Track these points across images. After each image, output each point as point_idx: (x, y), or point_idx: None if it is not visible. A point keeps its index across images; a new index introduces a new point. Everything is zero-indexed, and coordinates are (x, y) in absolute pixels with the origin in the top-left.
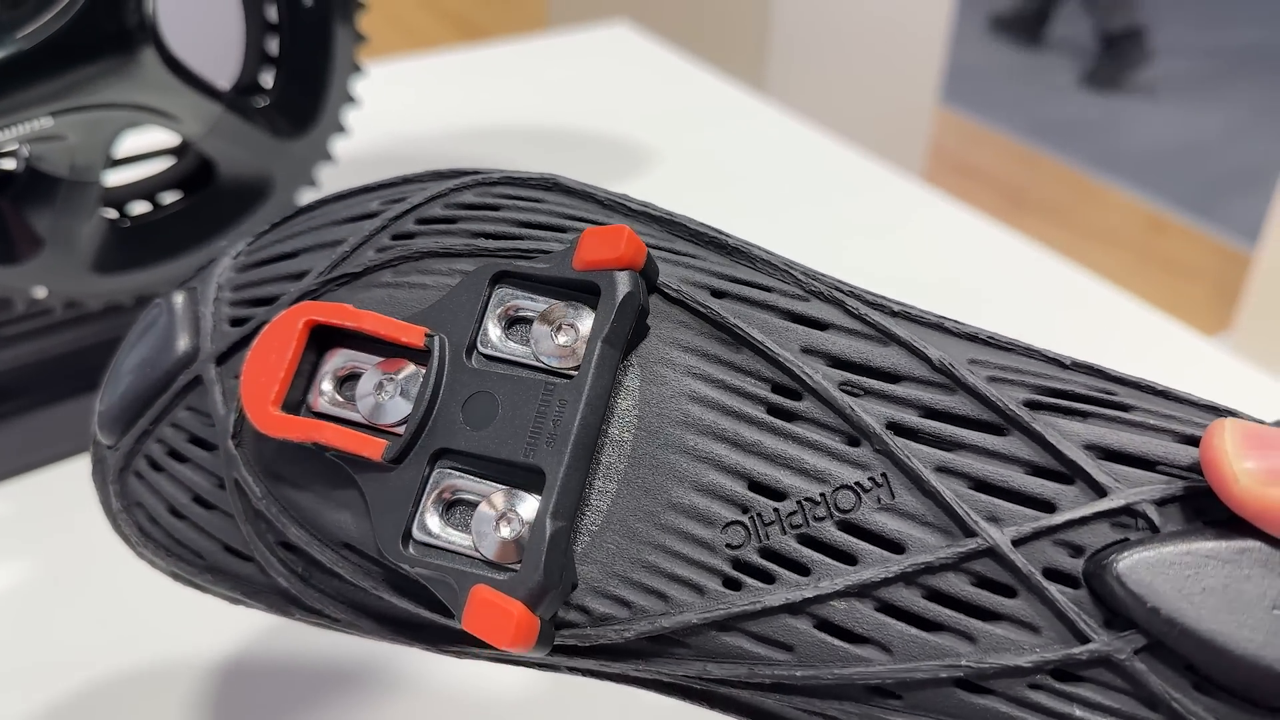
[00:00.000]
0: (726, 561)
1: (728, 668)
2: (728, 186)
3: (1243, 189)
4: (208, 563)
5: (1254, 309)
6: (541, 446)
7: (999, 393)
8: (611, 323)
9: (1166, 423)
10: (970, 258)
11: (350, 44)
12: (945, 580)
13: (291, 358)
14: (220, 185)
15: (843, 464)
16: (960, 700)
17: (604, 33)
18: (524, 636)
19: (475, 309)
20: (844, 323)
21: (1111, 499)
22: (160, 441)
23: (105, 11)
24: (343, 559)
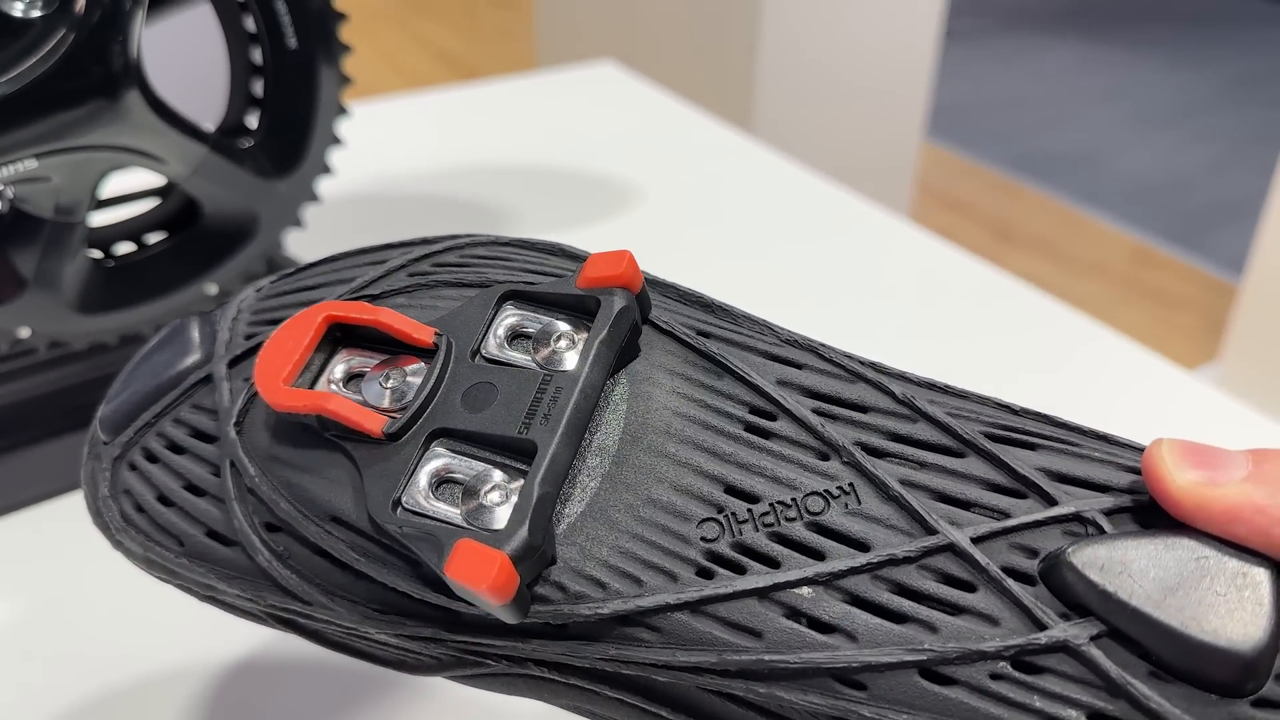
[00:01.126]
0: (700, 553)
1: (697, 654)
2: (714, 222)
3: (1227, 221)
4: (187, 548)
5: (1241, 339)
6: (536, 424)
7: (958, 424)
8: (609, 327)
9: (1111, 457)
10: (956, 293)
11: (335, 86)
12: (908, 574)
13: (307, 345)
14: (205, 225)
15: (813, 474)
16: (924, 690)
17: (591, 71)
18: (504, 583)
19: (483, 320)
20: (817, 364)
21: (1062, 507)
22: (160, 435)
23: (91, 55)
24: (328, 533)
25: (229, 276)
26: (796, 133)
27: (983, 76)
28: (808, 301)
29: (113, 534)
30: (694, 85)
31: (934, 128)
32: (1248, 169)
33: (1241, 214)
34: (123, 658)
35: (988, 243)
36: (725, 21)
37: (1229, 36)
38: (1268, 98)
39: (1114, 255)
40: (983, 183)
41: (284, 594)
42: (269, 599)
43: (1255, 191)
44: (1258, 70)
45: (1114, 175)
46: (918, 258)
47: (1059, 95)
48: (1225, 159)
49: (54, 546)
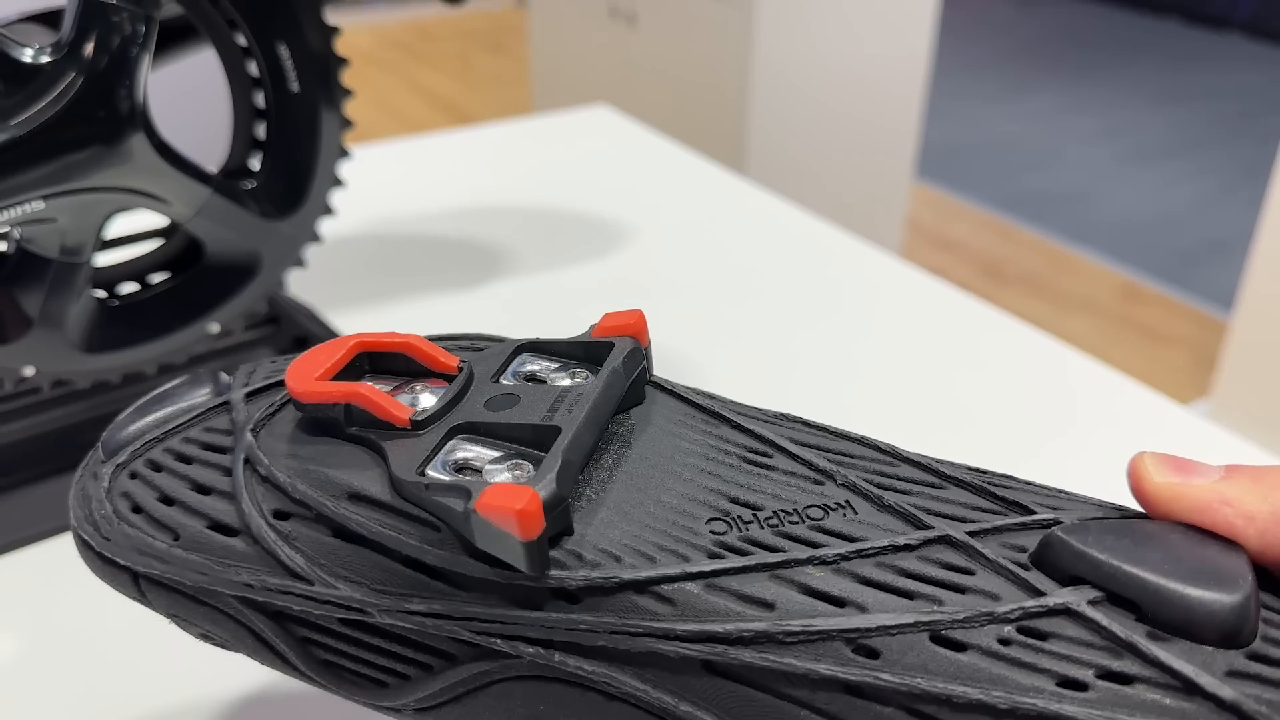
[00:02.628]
0: (710, 542)
1: (710, 623)
2: (708, 261)
3: (1216, 257)
4: (183, 540)
5: (1232, 375)
6: (559, 415)
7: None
8: (622, 359)
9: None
10: (948, 328)
11: (336, 129)
12: (908, 561)
13: (335, 362)
14: (208, 265)
15: (811, 494)
16: (937, 654)
17: (585, 115)
18: (533, 515)
19: (499, 363)
20: (804, 429)
21: (1040, 515)
22: (168, 450)
23: (97, 99)
24: (345, 509)
25: (231, 316)
26: (787, 176)
27: (972, 117)
28: (801, 339)
29: (99, 531)
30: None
31: (923, 168)
32: (1236, 206)
33: (1230, 250)
34: (123, 697)
35: (978, 281)
36: (716, 69)
37: (1216, 75)
38: (1254, 135)
39: (1104, 292)
40: (972, 222)
41: (286, 574)
42: (268, 582)
43: (1244, 228)
44: (1244, 108)
45: (1103, 213)
46: (909, 294)
47: (1048, 135)
48: (1213, 196)
49: (56, 585)
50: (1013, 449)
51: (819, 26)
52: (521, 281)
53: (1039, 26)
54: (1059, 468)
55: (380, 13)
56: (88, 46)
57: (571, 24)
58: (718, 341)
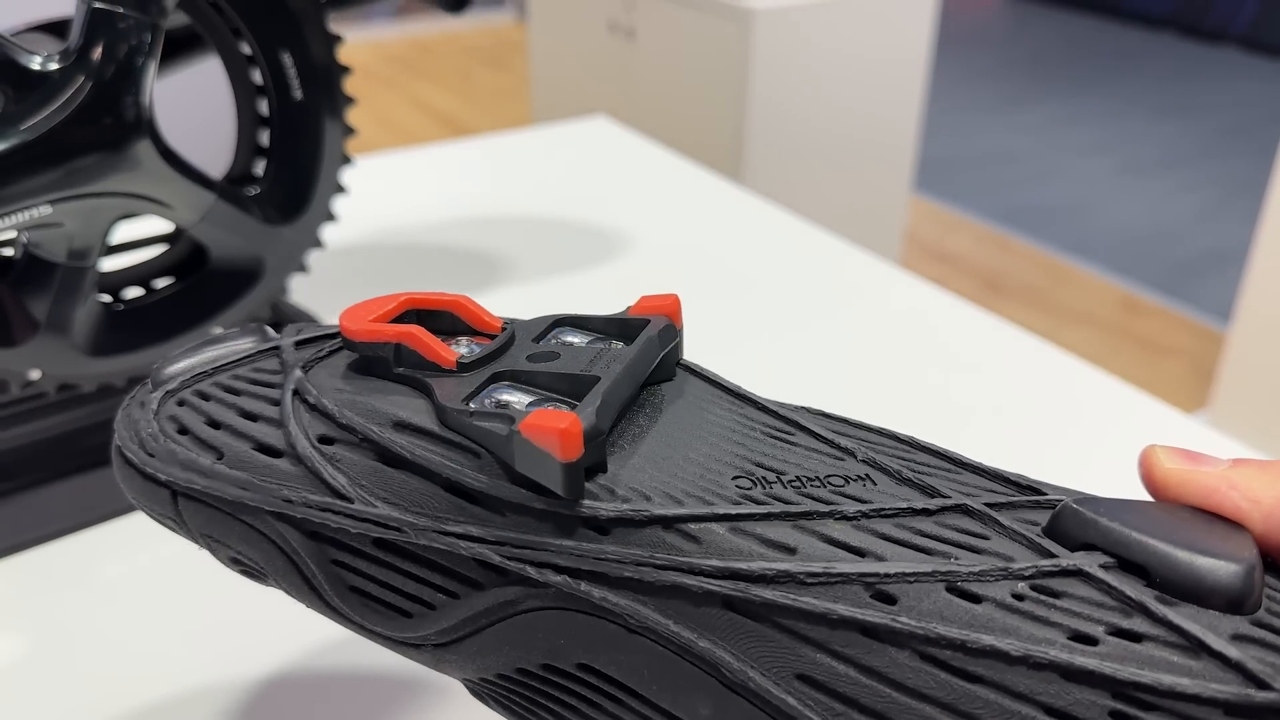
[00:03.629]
0: (735, 494)
1: (734, 561)
2: (707, 270)
3: (1214, 269)
4: (227, 458)
5: (1231, 386)
6: (599, 368)
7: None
8: (657, 332)
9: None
10: (949, 339)
11: (339, 136)
12: (925, 524)
13: (388, 311)
14: (212, 270)
15: (833, 467)
16: (952, 602)
17: (584, 125)
18: (573, 436)
19: (539, 330)
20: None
21: (1049, 498)
22: (217, 384)
23: (105, 106)
24: (389, 433)
25: (235, 320)
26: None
27: (970, 130)
28: (801, 349)
29: (144, 448)
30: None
31: (922, 181)
32: (1233, 218)
33: (1228, 262)
34: (129, 697)
35: (977, 294)
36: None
37: (1213, 88)
38: (1252, 148)
39: (1103, 305)
40: (971, 235)
41: (328, 491)
42: (308, 498)
43: (1241, 240)
44: (1241, 121)
45: (1101, 226)
46: (910, 303)
47: (1046, 148)
48: (1211, 209)
49: (62, 586)
50: (1015, 456)
51: (816, 40)
52: (521, 290)
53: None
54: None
55: (381, 28)
56: (95, 54)
57: (571, 39)
58: (717, 352)
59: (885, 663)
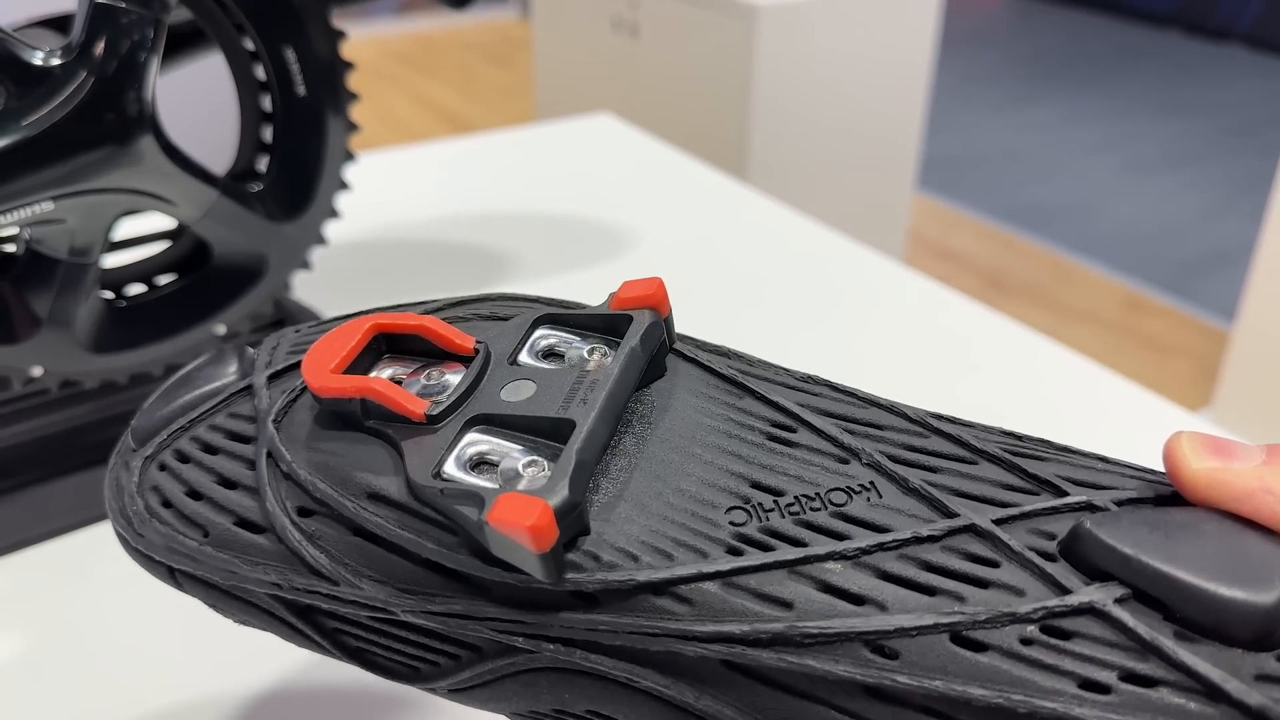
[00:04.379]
0: (729, 535)
1: (728, 624)
2: (711, 267)
3: (1218, 268)
4: (212, 537)
5: (1235, 385)
6: (574, 405)
7: (970, 437)
8: (640, 336)
9: (1118, 469)
10: (953, 337)
11: (342, 132)
12: (932, 552)
13: (353, 346)
14: (215, 267)
15: (835, 474)
16: (956, 654)
17: (588, 123)
18: (545, 528)
19: (518, 338)
20: (831, 394)
21: (1074, 496)
22: (195, 439)
23: (107, 101)
24: (364, 509)
25: (237, 317)
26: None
27: (974, 128)
28: (805, 346)
29: (133, 526)
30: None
31: (925, 180)
32: (1237, 217)
33: (1232, 261)
34: (132, 694)
35: (981, 292)
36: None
37: (1217, 87)
38: (1256, 147)
39: (1107, 303)
40: (975, 233)
41: (312, 574)
42: (295, 581)
43: (1245, 239)
44: (1246, 119)
45: (1106, 224)
46: (914, 301)
47: (1050, 146)
48: (1216, 207)
49: (65, 583)
50: None
51: (821, 37)
52: (525, 287)
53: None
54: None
55: (383, 25)
56: (97, 50)
57: (574, 36)
58: None
59: (889, 717)
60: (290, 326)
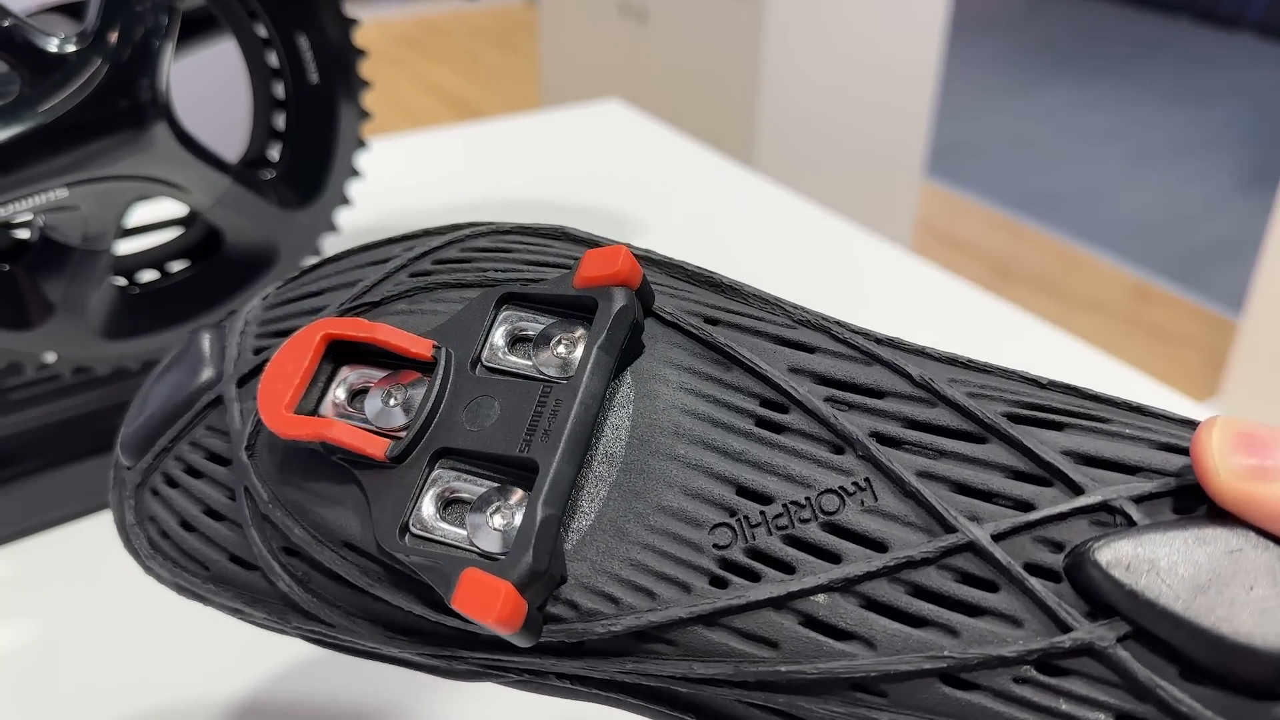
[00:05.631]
0: (713, 561)
1: (714, 666)
2: (719, 254)
3: (1226, 258)
4: (212, 573)
5: (1242, 376)
6: (537, 441)
7: (978, 406)
8: (607, 330)
9: (1144, 433)
10: (959, 326)
11: (354, 120)
12: (927, 575)
13: (307, 367)
14: (227, 254)
15: (827, 470)
16: (945, 695)
17: (596, 109)
18: (510, 614)
19: (481, 327)
20: (830, 346)
21: (1089, 496)
22: (178, 459)
23: (121, 88)
24: (341, 558)
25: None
26: (796, 175)
27: (982, 116)
28: None
29: (143, 560)
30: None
31: (933, 167)
32: (1246, 207)
33: (1240, 251)
34: (146, 677)
35: (988, 280)
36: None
37: (1227, 75)
38: (1265, 135)
39: (1114, 292)
40: (982, 221)
41: (306, 617)
42: (293, 622)
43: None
44: (1255, 108)
45: (1113, 213)
46: (921, 289)
47: (1058, 134)
48: (1224, 197)
49: (76, 568)
50: None
51: (829, 23)
52: None
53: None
54: None
55: (389, 9)
56: (111, 36)
57: (582, 21)
58: None
59: None
60: (260, 293)
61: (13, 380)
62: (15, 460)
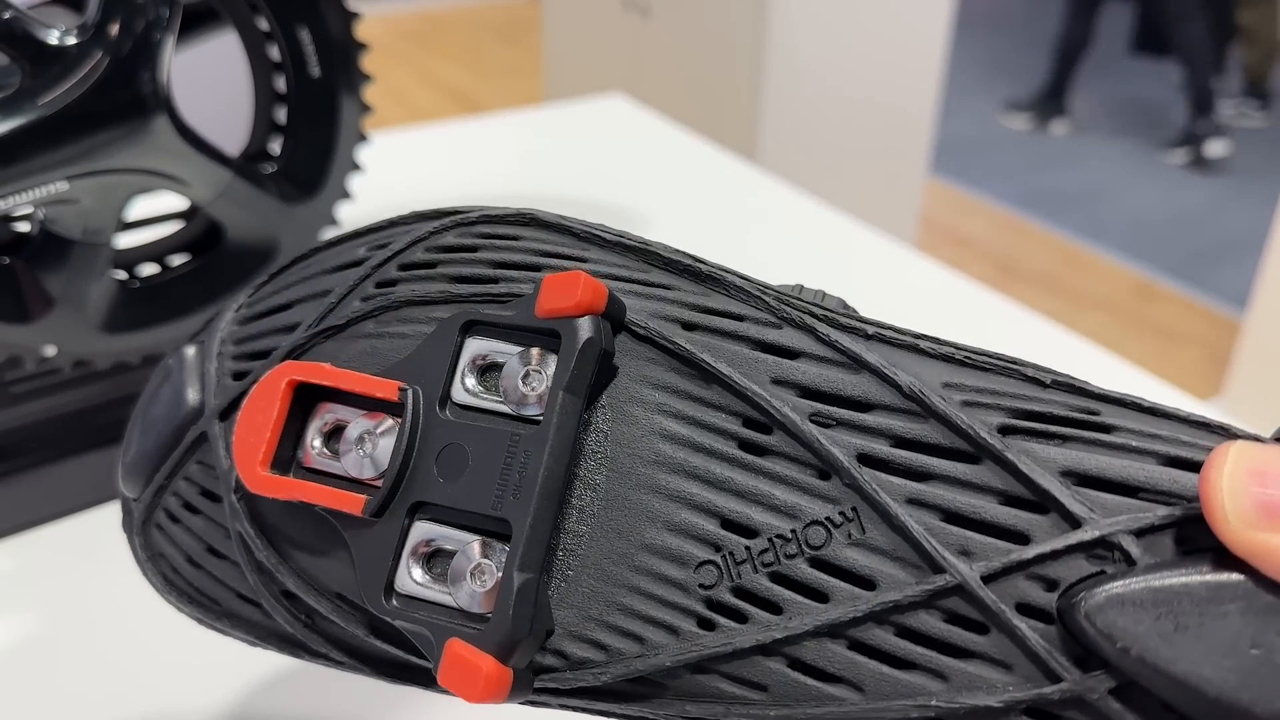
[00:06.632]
0: (700, 602)
1: (705, 707)
2: (722, 251)
3: (1230, 256)
4: (223, 609)
5: (1246, 374)
6: (508, 499)
7: (972, 418)
8: (571, 371)
9: (1151, 444)
10: (962, 324)
11: (356, 114)
12: (916, 618)
13: (277, 417)
14: (227, 248)
15: (813, 498)
16: None
17: (599, 104)
18: (494, 690)
19: (447, 358)
20: (815, 350)
21: (1086, 530)
22: (175, 495)
23: (122, 81)
24: (337, 608)
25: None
26: (800, 171)
27: (987, 112)
28: None
29: (162, 595)
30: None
31: (938, 164)
32: (1250, 206)
33: (1245, 249)
34: (148, 671)
35: (992, 278)
36: (730, 62)
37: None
38: (1270, 134)
39: (1117, 290)
40: (986, 218)
41: (315, 655)
42: (304, 657)
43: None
44: None
45: (1118, 211)
46: (923, 287)
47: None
48: (1229, 195)
49: (77, 562)
50: None
51: (833, 19)
52: None
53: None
54: None
55: (392, 2)
56: (112, 29)
57: (585, 15)
58: None
59: None
60: (233, 303)
61: (12, 374)
62: (15, 454)
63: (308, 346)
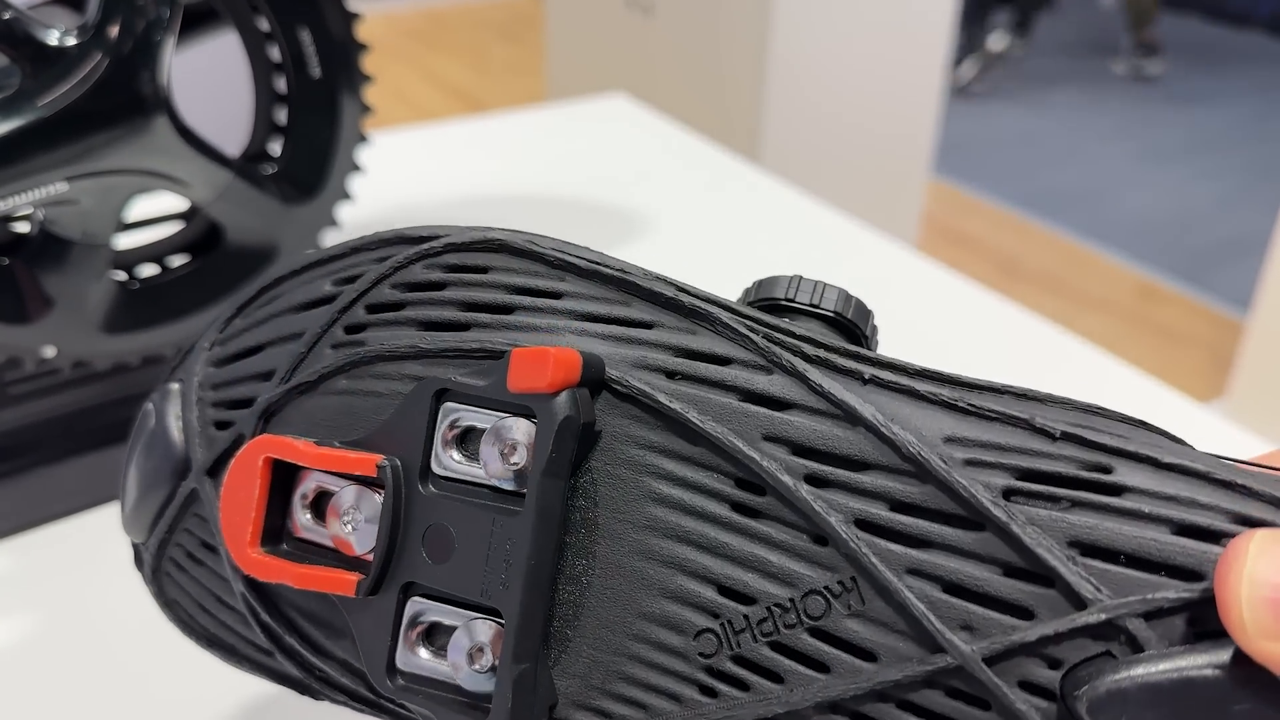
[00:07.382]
0: (701, 670)
1: None
2: (724, 252)
3: (1233, 257)
4: (239, 654)
5: (1249, 376)
6: (496, 587)
7: (974, 480)
8: (550, 455)
9: (1165, 508)
10: (963, 326)
11: (356, 114)
12: (918, 694)
13: (259, 495)
14: (227, 249)
15: (810, 565)
16: None
17: (602, 104)
18: None
19: (423, 427)
20: (807, 401)
21: (1091, 612)
22: (179, 546)
23: (121, 81)
24: (344, 673)
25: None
26: (802, 170)
27: (990, 112)
28: None
29: (178, 628)
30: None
31: (940, 163)
32: (1254, 206)
33: (1248, 251)
34: (148, 672)
35: (994, 278)
36: (733, 61)
37: (1235, 74)
38: (1274, 134)
39: (1120, 291)
40: (989, 219)
41: (331, 700)
42: (322, 699)
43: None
44: (1265, 108)
45: (1120, 212)
46: (925, 289)
47: (1066, 132)
48: (1232, 196)
49: (75, 563)
50: None
51: (837, 19)
52: None
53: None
54: None
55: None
56: (112, 29)
57: (588, 14)
58: None
59: None
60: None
61: (12, 374)
62: (16, 455)
63: (282, 404)
